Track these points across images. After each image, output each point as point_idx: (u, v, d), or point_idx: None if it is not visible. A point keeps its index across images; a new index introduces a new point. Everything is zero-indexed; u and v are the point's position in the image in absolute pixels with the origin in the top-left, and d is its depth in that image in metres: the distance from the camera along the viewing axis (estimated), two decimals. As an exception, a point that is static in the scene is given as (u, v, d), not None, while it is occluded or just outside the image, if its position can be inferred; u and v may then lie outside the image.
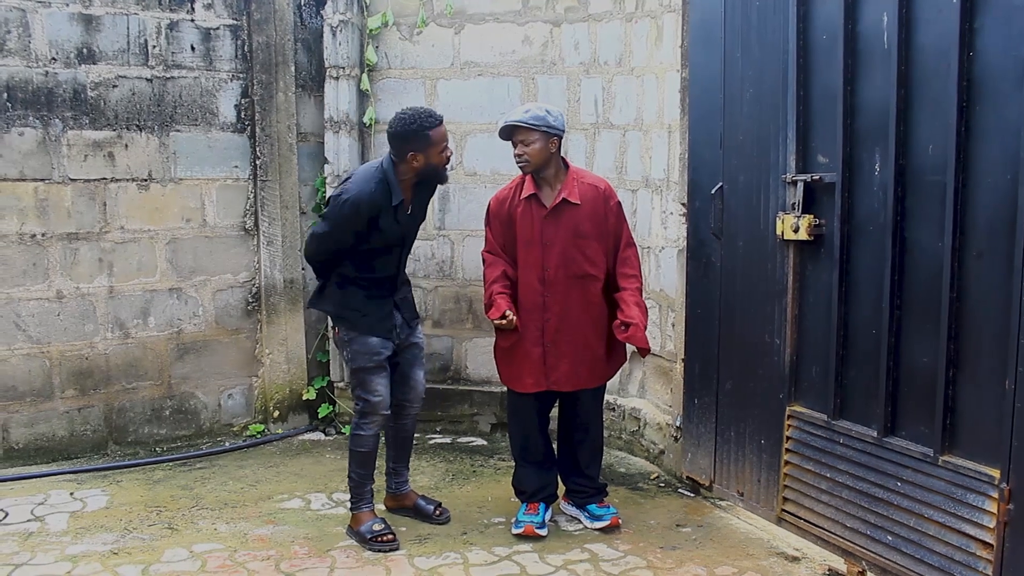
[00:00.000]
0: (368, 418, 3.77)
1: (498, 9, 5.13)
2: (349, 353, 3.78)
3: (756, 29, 3.63)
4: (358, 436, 3.80)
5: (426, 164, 3.60)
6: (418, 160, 3.58)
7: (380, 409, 3.77)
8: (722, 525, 3.97)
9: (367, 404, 3.77)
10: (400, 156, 3.60)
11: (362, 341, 3.73)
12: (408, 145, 3.56)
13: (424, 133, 3.55)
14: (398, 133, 3.57)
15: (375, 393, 3.75)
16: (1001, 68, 2.69)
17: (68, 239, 4.71)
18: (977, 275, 2.80)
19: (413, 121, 3.55)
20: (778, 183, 3.54)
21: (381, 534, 3.71)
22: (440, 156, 3.62)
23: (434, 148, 3.58)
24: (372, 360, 3.74)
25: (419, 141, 3.55)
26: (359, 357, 3.74)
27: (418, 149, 3.56)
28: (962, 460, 2.89)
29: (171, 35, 4.88)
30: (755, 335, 3.71)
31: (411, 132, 3.55)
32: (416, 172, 3.63)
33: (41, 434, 4.73)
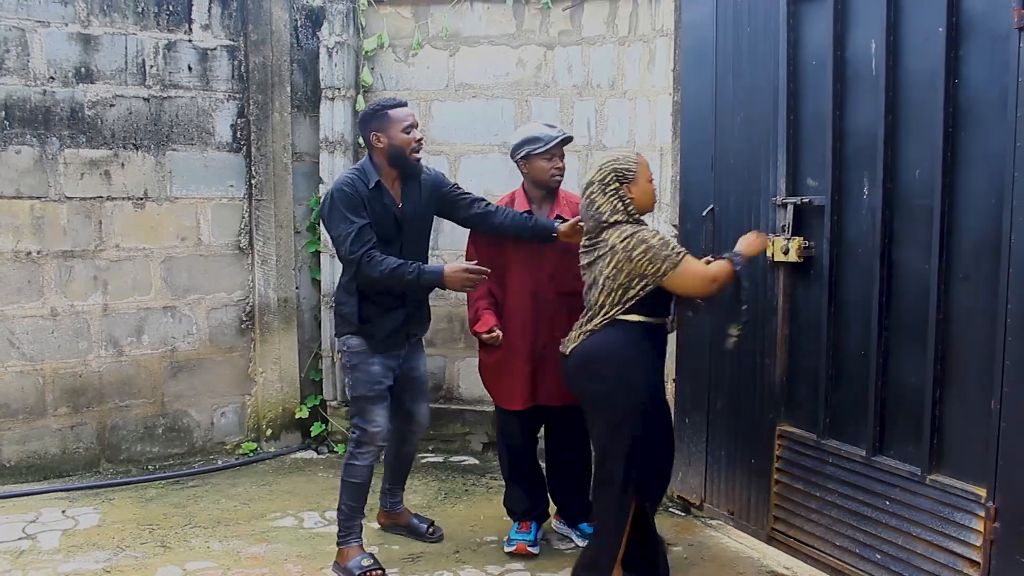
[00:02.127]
0: (364, 448, 3.65)
1: (493, 32, 5.20)
2: (349, 379, 3.69)
3: (747, 54, 3.70)
4: (352, 466, 3.67)
5: (390, 145, 3.58)
6: (381, 140, 3.58)
7: (377, 440, 3.66)
8: (713, 544, 4.00)
9: (364, 434, 3.65)
10: (366, 141, 3.65)
11: (365, 368, 3.63)
12: (370, 126, 3.61)
13: (383, 112, 3.59)
14: (362, 117, 3.69)
15: (373, 423, 3.64)
16: (985, 95, 2.75)
17: (63, 257, 4.73)
18: (963, 297, 2.85)
19: (373, 104, 3.66)
20: (768, 206, 3.59)
21: (370, 569, 3.59)
22: (402, 136, 3.58)
23: (395, 126, 3.57)
24: (373, 389, 3.64)
25: (378, 120, 3.59)
26: (360, 384, 3.64)
27: (379, 129, 3.58)
28: (949, 479, 2.92)
29: (168, 55, 4.93)
30: (745, 355, 3.75)
31: (371, 113, 3.62)
32: (386, 156, 3.60)
33: (33, 451, 4.73)
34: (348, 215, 3.50)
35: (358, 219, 3.50)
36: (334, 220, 3.54)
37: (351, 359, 3.67)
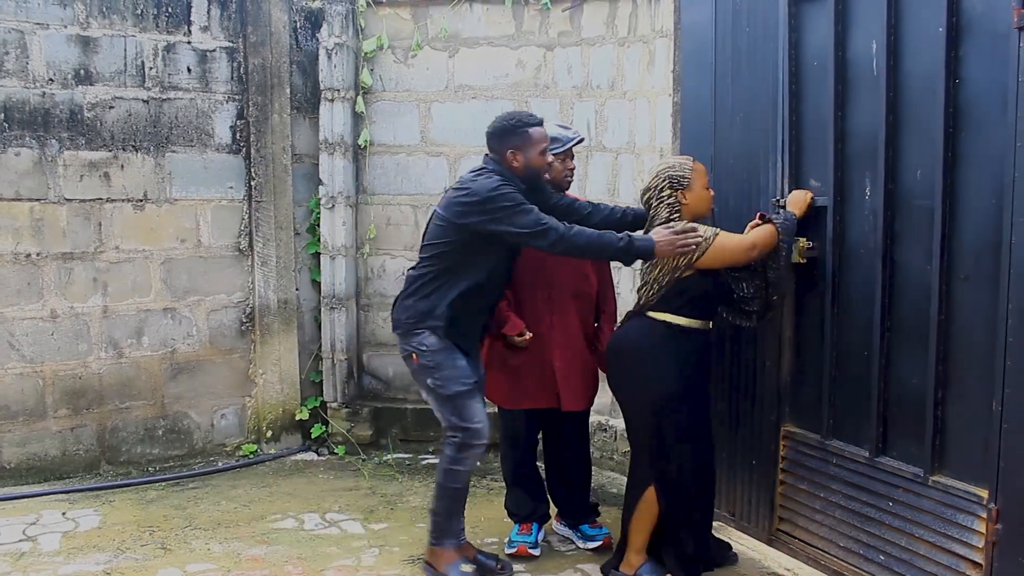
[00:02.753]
0: (467, 451, 3.41)
1: (492, 33, 5.20)
2: (438, 379, 3.40)
3: (747, 55, 3.70)
4: (454, 472, 3.43)
5: (527, 166, 3.39)
6: (518, 159, 3.38)
7: (483, 438, 3.43)
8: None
9: (468, 433, 3.40)
10: (500, 157, 3.41)
11: (452, 363, 3.40)
12: (506, 142, 3.38)
13: (523, 129, 3.38)
14: (497, 130, 3.42)
15: (475, 420, 3.40)
16: (986, 95, 2.75)
17: (63, 259, 4.73)
18: (964, 298, 2.85)
19: (512, 118, 3.43)
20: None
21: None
22: (540, 158, 3.41)
23: (534, 147, 3.38)
24: (466, 383, 3.40)
25: (517, 138, 3.38)
26: (451, 382, 3.39)
27: (518, 148, 3.38)
28: (951, 480, 2.92)
29: (168, 57, 4.93)
30: (747, 356, 3.75)
31: (510, 127, 3.39)
32: (521, 173, 3.39)
33: (33, 454, 4.72)
34: (512, 203, 3.25)
35: (524, 204, 3.27)
36: (506, 211, 3.24)
37: (432, 358, 3.40)
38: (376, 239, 5.43)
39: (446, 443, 3.46)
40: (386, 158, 5.38)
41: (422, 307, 3.41)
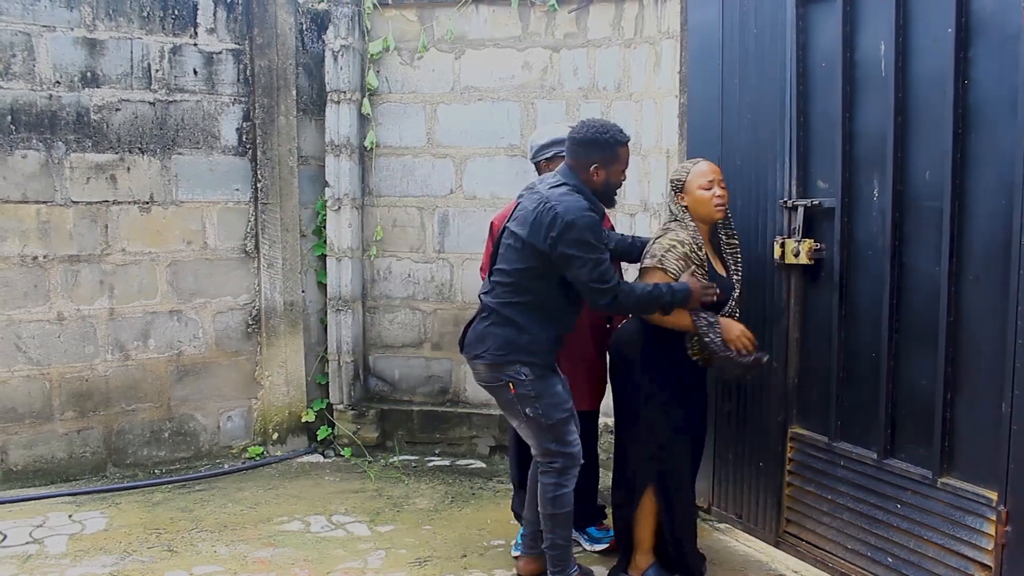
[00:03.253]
0: (569, 473, 3.38)
1: (498, 35, 5.20)
2: (540, 408, 3.32)
3: (754, 56, 3.69)
4: (561, 497, 3.37)
5: (605, 182, 3.28)
6: (599, 175, 3.25)
7: (580, 459, 3.40)
8: (721, 547, 3.98)
9: (568, 458, 3.37)
10: (580, 167, 3.27)
11: (552, 391, 3.34)
12: (594, 156, 3.24)
13: (614, 147, 3.26)
14: (587, 139, 3.26)
15: (574, 443, 3.37)
16: (995, 96, 2.74)
17: (69, 261, 4.73)
18: (973, 299, 2.84)
19: (606, 131, 3.26)
20: (776, 208, 3.58)
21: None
22: (620, 176, 3.33)
23: (617, 167, 3.29)
24: (565, 409, 3.36)
25: (607, 153, 3.25)
26: (554, 410, 3.33)
27: (603, 163, 3.25)
28: (960, 482, 2.91)
29: (174, 59, 4.93)
30: (754, 358, 3.74)
31: (602, 141, 3.25)
32: (594, 189, 3.28)
33: (40, 456, 4.73)
34: (596, 243, 3.16)
35: (605, 250, 3.21)
36: (583, 245, 3.14)
37: (532, 387, 3.31)
38: (382, 241, 5.43)
39: (544, 471, 3.39)
40: (392, 160, 5.38)
41: (520, 341, 3.29)
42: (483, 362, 3.39)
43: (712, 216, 3.39)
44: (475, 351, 3.41)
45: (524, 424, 3.40)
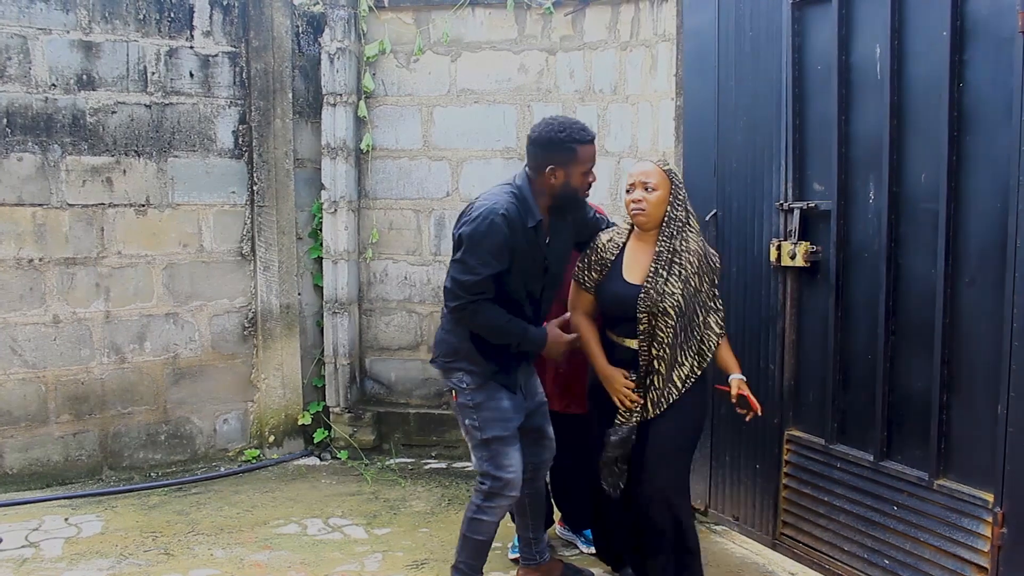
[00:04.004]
0: (495, 500, 3.16)
1: (494, 37, 5.20)
2: (477, 420, 3.16)
3: (750, 59, 3.70)
4: (479, 521, 3.19)
5: (564, 185, 3.06)
6: (557, 177, 3.04)
7: (512, 490, 3.16)
8: (717, 550, 3.98)
9: (497, 483, 3.14)
10: (537, 169, 3.08)
11: (494, 405, 3.15)
12: (549, 157, 3.04)
13: (570, 146, 3.03)
14: (540, 139, 3.07)
15: (509, 469, 3.14)
16: (990, 99, 2.75)
17: (65, 264, 4.72)
18: (969, 301, 2.85)
19: (562, 129, 3.04)
20: (772, 210, 3.59)
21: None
22: (583, 179, 3.08)
23: (578, 167, 3.05)
24: (507, 428, 3.15)
25: (563, 154, 3.03)
26: (491, 425, 3.14)
27: (560, 164, 3.03)
28: (956, 484, 2.92)
29: (170, 62, 4.93)
30: (750, 360, 3.73)
31: (558, 141, 3.03)
32: (552, 193, 3.08)
33: (36, 459, 4.71)
34: (489, 255, 2.97)
35: (494, 266, 2.98)
36: (473, 248, 2.99)
37: (472, 397, 3.16)
38: (378, 243, 5.43)
39: (475, 489, 3.25)
40: (388, 162, 5.38)
41: (463, 348, 3.17)
42: (435, 367, 3.34)
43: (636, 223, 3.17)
44: (432, 356, 3.35)
45: (466, 436, 3.26)
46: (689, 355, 3.15)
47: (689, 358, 3.15)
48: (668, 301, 3.05)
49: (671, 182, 3.12)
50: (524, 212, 3.05)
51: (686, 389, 3.16)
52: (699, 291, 3.14)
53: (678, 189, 3.13)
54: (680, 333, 3.11)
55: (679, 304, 3.07)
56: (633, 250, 3.20)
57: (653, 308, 3.06)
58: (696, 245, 3.14)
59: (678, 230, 3.11)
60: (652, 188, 3.08)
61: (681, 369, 3.14)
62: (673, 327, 3.08)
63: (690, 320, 3.13)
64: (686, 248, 3.11)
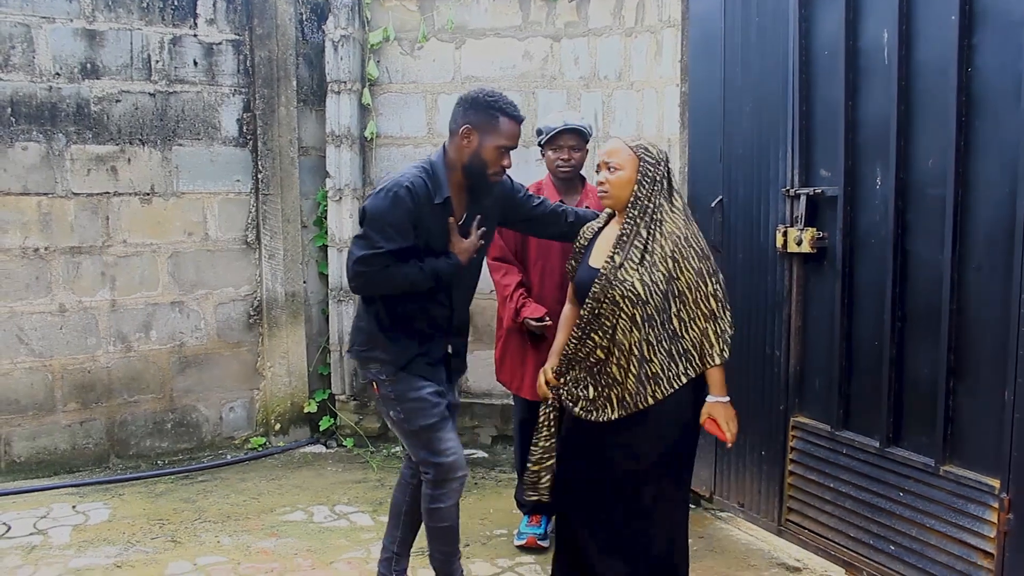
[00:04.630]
0: (445, 486, 3.05)
1: (499, 24, 5.18)
2: (401, 412, 3.03)
3: (756, 44, 3.68)
4: (437, 511, 3.09)
5: (474, 154, 2.92)
6: (469, 141, 2.91)
7: (457, 471, 3.04)
8: (723, 536, 3.99)
9: (440, 469, 3.03)
10: (454, 131, 2.96)
11: (415, 395, 3.01)
12: (468, 116, 2.92)
13: (494, 112, 2.91)
14: (466, 99, 2.96)
15: (448, 452, 3.02)
16: (999, 83, 2.73)
17: (71, 253, 4.73)
18: (976, 287, 2.84)
19: (492, 96, 2.93)
20: (778, 196, 3.58)
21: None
22: (496, 155, 2.93)
23: (494, 138, 2.91)
24: (433, 414, 3.01)
25: (483, 118, 2.91)
26: (416, 415, 3.01)
27: (476, 126, 2.90)
28: (963, 470, 2.91)
29: (174, 50, 4.92)
30: (755, 347, 3.74)
31: (481, 103, 2.92)
32: (462, 161, 2.95)
33: (43, 447, 4.73)
34: (392, 229, 2.85)
35: (397, 241, 2.85)
36: (375, 222, 2.86)
37: (392, 390, 3.04)
38: (383, 231, 5.41)
39: (424, 480, 3.11)
40: (393, 150, 5.37)
41: (378, 339, 3.04)
42: (351, 357, 3.23)
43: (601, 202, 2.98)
44: (348, 346, 3.21)
45: (394, 428, 3.14)
46: (659, 352, 2.78)
47: (659, 355, 2.78)
48: (619, 289, 2.77)
49: (639, 159, 2.84)
50: (432, 187, 2.91)
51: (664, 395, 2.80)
52: (675, 279, 2.77)
53: (648, 167, 2.83)
54: (643, 325, 2.77)
55: (634, 292, 2.75)
56: (606, 235, 2.99)
57: (602, 295, 2.81)
58: (674, 228, 2.81)
59: (645, 211, 2.82)
60: (615, 168, 2.85)
61: (649, 366, 2.79)
62: (630, 316, 2.78)
63: (659, 310, 2.77)
64: (659, 231, 2.80)
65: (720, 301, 2.82)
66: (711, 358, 2.80)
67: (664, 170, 2.87)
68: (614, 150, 2.88)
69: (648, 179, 2.83)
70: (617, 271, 2.79)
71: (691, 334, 2.80)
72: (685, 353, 2.80)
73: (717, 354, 2.80)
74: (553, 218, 3.29)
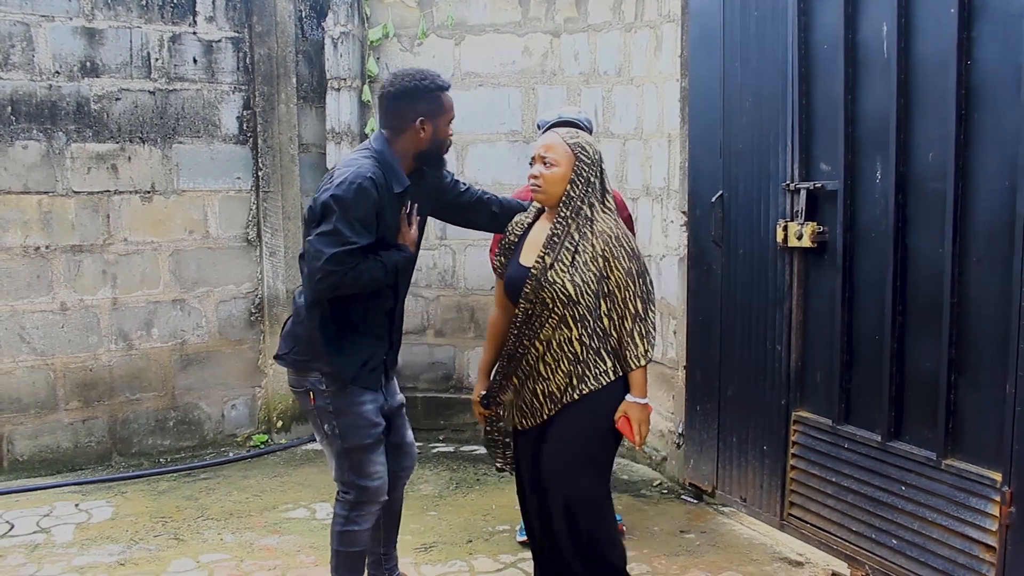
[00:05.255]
0: (363, 509, 2.92)
1: (498, 20, 5.18)
2: (337, 427, 2.85)
3: (755, 39, 3.67)
4: (350, 533, 2.93)
5: (433, 139, 2.82)
6: (426, 130, 2.80)
7: (379, 496, 2.92)
8: (725, 531, 3.99)
9: (363, 492, 2.89)
10: (400, 128, 2.81)
11: (355, 411, 2.85)
12: (416, 108, 2.79)
13: (436, 93, 2.81)
14: (403, 91, 2.80)
15: (374, 477, 2.89)
16: (999, 76, 2.72)
17: (72, 251, 4.73)
18: (977, 281, 2.84)
19: (423, 77, 2.80)
20: (778, 191, 3.57)
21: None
22: (447, 129, 2.86)
23: (445, 115, 2.83)
24: (370, 435, 2.87)
25: (430, 103, 2.80)
26: (353, 432, 2.85)
27: (428, 114, 2.79)
28: (964, 464, 2.91)
29: (173, 48, 4.92)
30: (757, 341, 3.74)
31: (423, 88, 2.79)
32: (419, 149, 2.83)
33: (46, 446, 4.74)
34: (360, 223, 2.68)
35: (365, 236, 2.69)
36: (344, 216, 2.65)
37: (332, 402, 2.84)
38: (384, 228, 5.42)
39: (338, 499, 2.96)
40: (393, 147, 5.35)
41: (305, 337, 2.85)
42: (283, 364, 2.97)
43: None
44: (279, 352, 2.98)
45: (324, 442, 2.97)
46: (589, 350, 2.76)
47: (589, 353, 2.77)
48: (549, 291, 2.72)
49: (576, 158, 2.77)
50: (390, 177, 2.77)
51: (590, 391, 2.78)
52: (606, 278, 2.74)
53: (583, 166, 2.77)
54: (574, 324, 2.75)
55: (565, 293, 2.71)
56: (537, 231, 2.89)
57: (533, 296, 2.76)
58: (605, 227, 2.76)
59: (579, 212, 2.76)
60: (551, 163, 2.77)
61: (579, 364, 2.78)
62: (561, 316, 2.75)
63: (590, 309, 2.74)
64: (590, 231, 2.75)
65: (646, 303, 2.78)
66: (636, 359, 2.76)
67: (598, 171, 2.82)
68: (551, 145, 2.80)
69: (583, 179, 2.78)
70: (547, 272, 2.74)
71: (619, 333, 2.78)
72: (613, 351, 2.79)
73: (641, 355, 2.76)
74: (479, 206, 3.13)
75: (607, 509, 2.93)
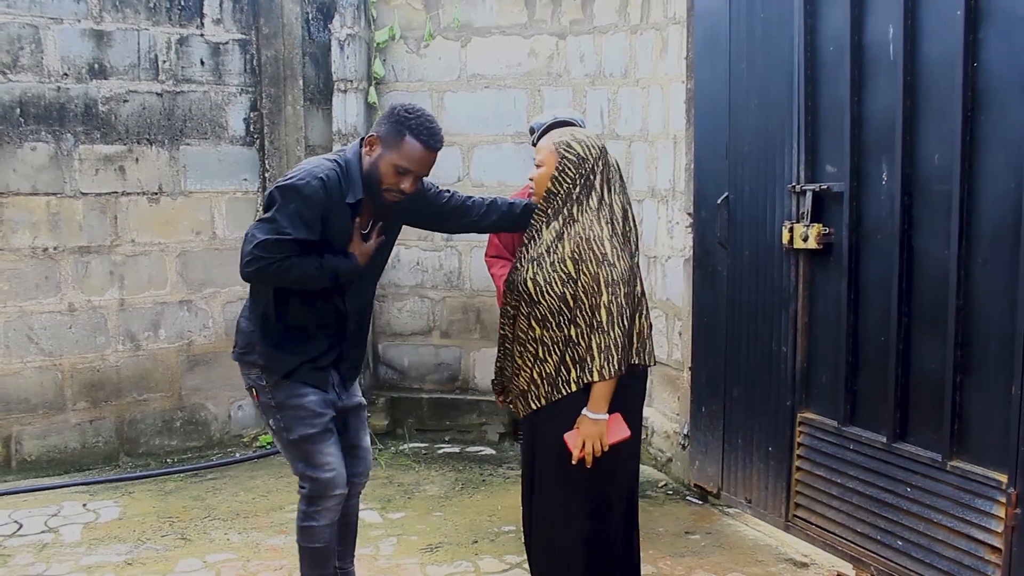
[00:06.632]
0: (319, 503, 2.87)
1: (504, 22, 5.19)
2: (281, 420, 2.84)
3: (761, 41, 3.68)
4: (309, 529, 2.90)
5: (372, 165, 2.73)
6: (372, 150, 2.73)
7: (335, 488, 2.87)
8: (730, 532, 4.00)
9: (317, 484, 2.85)
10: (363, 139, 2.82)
11: (296, 403, 2.81)
12: (378, 126, 2.77)
13: (401, 129, 2.70)
14: (391, 107, 2.80)
15: (326, 468, 2.85)
16: (1005, 78, 2.73)
17: (80, 252, 4.75)
18: (983, 282, 2.84)
19: (411, 114, 2.73)
20: (784, 193, 3.58)
21: None
22: (393, 173, 2.71)
23: (394, 154, 2.70)
24: (315, 424, 2.82)
25: (390, 132, 2.72)
26: (297, 424, 2.82)
27: (381, 140, 2.73)
28: (970, 465, 2.91)
29: (181, 50, 4.94)
30: (762, 343, 3.74)
31: (396, 118, 2.73)
32: (364, 167, 2.74)
33: (53, 446, 4.76)
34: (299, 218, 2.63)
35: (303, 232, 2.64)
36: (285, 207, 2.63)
37: (273, 396, 2.83)
38: (390, 230, 5.43)
39: (299, 495, 2.94)
40: (399, 149, 5.37)
41: (257, 341, 2.83)
42: (233, 358, 2.97)
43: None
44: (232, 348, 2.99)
45: (275, 438, 2.96)
46: (553, 354, 2.71)
47: (553, 357, 2.71)
48: (517, 286, 2.76)
49: (558, 156, 2.75)
50: (345, 185, 2.73)
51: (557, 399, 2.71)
52: (574, 281, 2.66)
53: (567, 164, 2.74)
54: (537, 325, 2.72)
55: (527, 290, 2.71)
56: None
57: (507, 288, 2.80)
58: (580, 229, 2.70)
59: (560, 210, 2.74)
60: (539, 164, 2.80)
61: (543, 366, 2.73)
62: (527, 314, 2.74)
63: (553, 313, 2.69)
64: (569, 231, 2.71)
65: (612, 315, 2.63)
66: (589, 372, 2.64)
67: (590, 168, 2.76)
68: (541, 147, 2.85)
69: (567, 176, 2.74)
70: (517, 268, 2.79)
71: (585, 342, 2.66)
72: (580, 361, 2.67)
73: (596, 370, 2.63)
74: (463, 211, 3.03)
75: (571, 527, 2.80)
